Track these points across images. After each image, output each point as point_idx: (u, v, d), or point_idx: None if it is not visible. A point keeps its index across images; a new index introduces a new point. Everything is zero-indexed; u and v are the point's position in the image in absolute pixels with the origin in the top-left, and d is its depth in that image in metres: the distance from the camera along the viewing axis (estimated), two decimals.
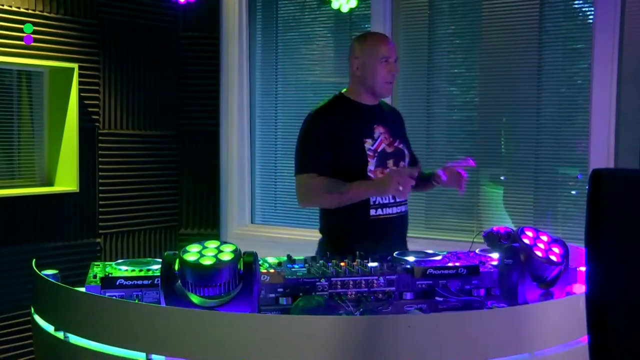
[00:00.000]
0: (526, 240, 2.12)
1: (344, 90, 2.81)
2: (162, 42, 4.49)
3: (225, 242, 1.97)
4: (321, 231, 2.83)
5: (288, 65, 4.66)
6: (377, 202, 2.67)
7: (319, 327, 1.74)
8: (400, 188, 2.43)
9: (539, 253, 2.09)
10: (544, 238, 2.18)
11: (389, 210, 2.70)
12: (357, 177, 2.61)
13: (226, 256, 1.90)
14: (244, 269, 1.91)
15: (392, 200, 2.70)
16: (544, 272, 2.10)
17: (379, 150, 2.67)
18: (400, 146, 2.76)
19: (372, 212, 2.67)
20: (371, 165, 2.64)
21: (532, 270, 2.08)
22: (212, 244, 1.96)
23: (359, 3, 3.98)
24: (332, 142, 2.64)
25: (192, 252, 1.92)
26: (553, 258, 2.11)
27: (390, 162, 2.69)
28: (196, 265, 1.86)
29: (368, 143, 2.66)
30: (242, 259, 1.93)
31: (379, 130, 2.70)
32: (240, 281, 1.90)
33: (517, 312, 1.90)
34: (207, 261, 1.87)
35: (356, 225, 2.67)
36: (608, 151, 3.52)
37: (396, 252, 2.38)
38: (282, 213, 4.72)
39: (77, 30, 4.03)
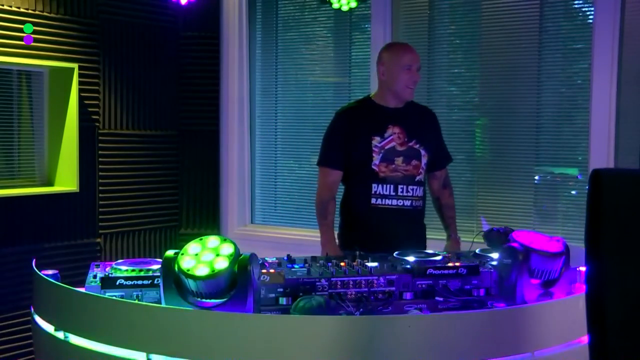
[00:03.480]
0: (523, 241, 2.13)
1: (372, 94, 3.09)
2: (162, 42, 4.49)
3: (226, 240, 1.96)
4: (339, 227, 3.14)
5: (288, 65, 4.66)
6: (377, 192, 2.92)
7: (319, 327, 1.74)
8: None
9: (537, 247, 2.09)
10: (541, 238, 2.18)
11: (388, 202, 2.93)
12: (363, 169, 2.92)
13: (222, 263, 1.88)
14: (239, 272, 1.89)
15: (392, 193, 2.93)
16: (546, 266, 2.10)
17: (386, 147, 2.93)
18: (416, 146, 2.98)
19: (373, 200, 2.93)
20: (376, 160, 2.92)
21: (534, 266, 2.08)
22: (212, 242, 1.95)
23: (359, 3, 3.98)
24: (345, 139, 2.97)
25: (190, 255, 1.91)
26: (553, 250, 2.11)
27: (400, 160, 2.94)
28: (192, 276, 1.86)
29: (376, 140, 2.93)
30: (237, 264, 1.91)
31: (392, 130, 2.95)
32: (236, 285, 1.89)
33: (517, 312, 1.90)
34: (203, 269, 1.86)
35: (359, 213, 2.97)
36: (608, 151, 3.51)
37: (396, 252, 2.38)
38: (282, 213, 4.72)
39: (77, 30, 4.03)
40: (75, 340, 1.96)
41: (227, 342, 1.76)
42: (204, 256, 1.91)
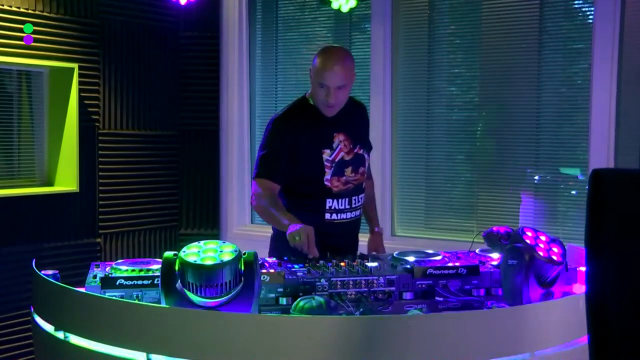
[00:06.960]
0: (528, 241, 2.12)
1: (309, 94, 2.79)
2: (162, 42, 4.49)
3: (225, 242, 1.97)
4: (275, 239, 2.83)
5: (288, 65, 4.66)
6: (332, 208, 2.73)
7: (319, 327, 1.74)
8: (298, 241, 2.41)
9: (540, 253, 2.09)
10: (543, 238, 2.18)
11: (343, 216, 2.76)
12: (314, 185, 2.70)
13: (227, 256, 1.90)
14: (245, 268, 1.91)
15: (347, 206, 2.76)
16: (546, 272, 2.10)
17: (336, 160, 2.73)
18: (360, 152, 2.80)
19: (327, 216, 2.74)
20: (328, 175, 2.71)
21: (535, 271, 2.08)
22: (211, 244, 1.96)
23: (359, 3, 3.98)
24: (291, 151, 2.70)
25: (192, 253, 1.92)
26: (554, 258, 2.11)
27: (349, 170, 2.75)
28: (198, 266, 1.86)
29: (326, 154, 2.72)
30: (242, 259, 1.93)
31: (338, 139, 2.74)
32: (241, 281, 1.90)
33: (517, 312, 1.90)
34: (209, 261, 1.87)
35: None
36: (608, 151, 3.51)
37: (396, 252, 2.38)
38: None
39: (77, 30, 4.03)
40: (75, 340, 1.96)
41: (227, 342, 1.76)
42: (207, 252, 1.92)
